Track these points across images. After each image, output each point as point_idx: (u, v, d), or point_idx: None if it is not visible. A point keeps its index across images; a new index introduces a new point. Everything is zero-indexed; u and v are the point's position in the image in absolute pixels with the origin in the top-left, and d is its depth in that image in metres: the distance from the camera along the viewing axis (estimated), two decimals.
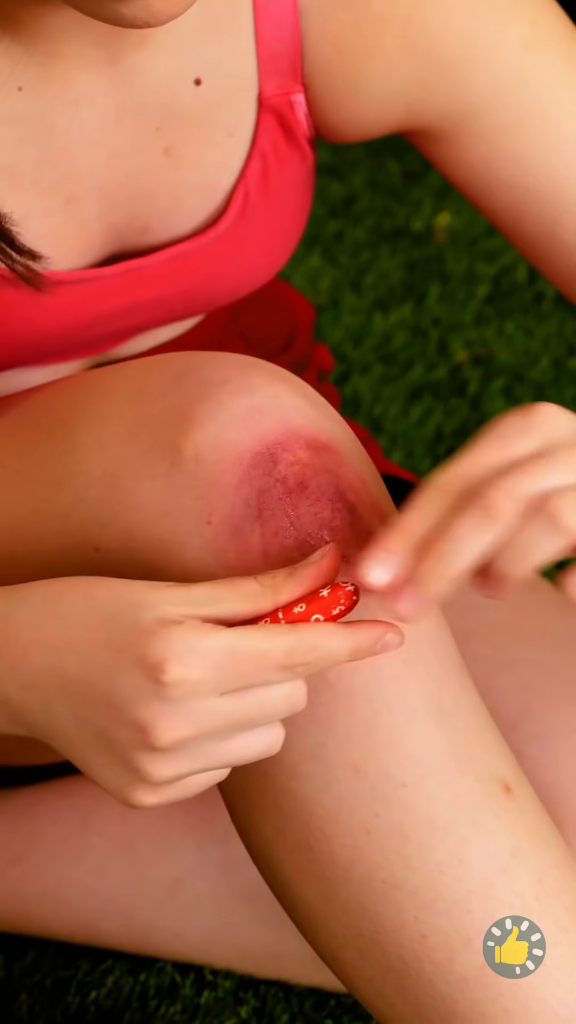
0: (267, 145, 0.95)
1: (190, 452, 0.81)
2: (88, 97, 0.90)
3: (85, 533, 0.85)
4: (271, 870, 0.85)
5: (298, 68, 0.93)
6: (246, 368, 0.83)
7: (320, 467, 0.81)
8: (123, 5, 0.77)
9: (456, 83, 0.93)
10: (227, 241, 0.96)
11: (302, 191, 0.99)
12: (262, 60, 0.92)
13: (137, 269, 0.95)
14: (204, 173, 0.94)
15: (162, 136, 0.93)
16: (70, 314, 0.94)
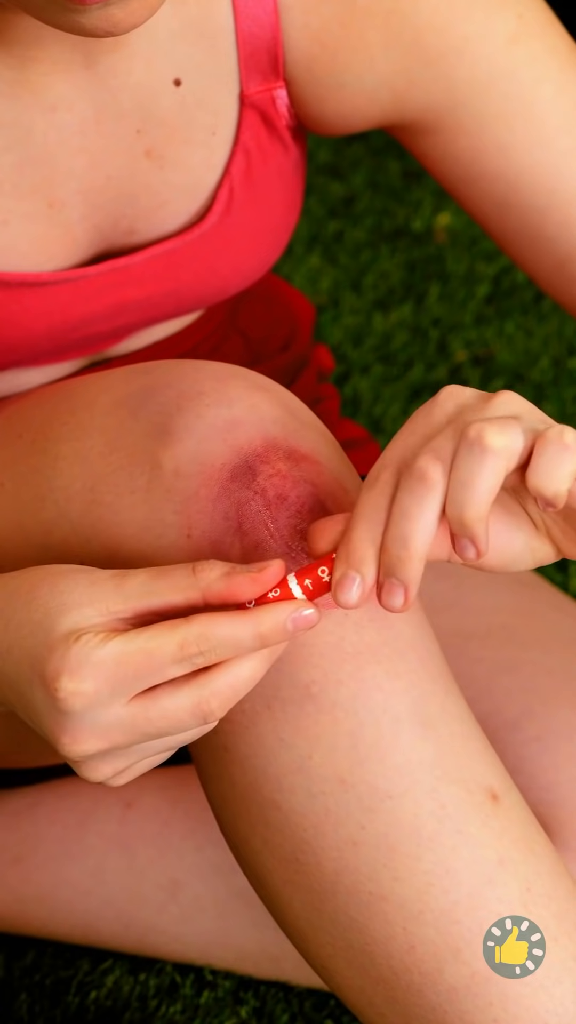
0: (250, 141, 0.94)
1: (169, 466, 0.81)
2: (66, 101, 0.90)
3: (68, 548, 0.85)
4: (260, 881, 0.85)
5: (279, 64, 0.92)
6: (225, 379, 0.83)
7: (299, 478, 0.81)
8: (82, 15, 0.77)
9: (441, 76, 0.92)
10: (214, 238, 0.96)
11: (289, 185, 0.98)
12: (243, 58, 0.92)
13: (123, 268, 0.94)
14: (188, 173, 0.94)
15: (143, 138, 0.92)
16: (57, 315, 0.94)
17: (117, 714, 0.74)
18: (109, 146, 0.92)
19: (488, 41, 0.92)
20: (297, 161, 0.98)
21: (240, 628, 0.75)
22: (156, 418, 0.82)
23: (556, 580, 1.43)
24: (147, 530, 0.81)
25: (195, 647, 0.74)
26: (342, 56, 0.92)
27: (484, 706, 1.03)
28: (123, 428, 0.83)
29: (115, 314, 0.96)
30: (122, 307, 0.96)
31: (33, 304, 0.92)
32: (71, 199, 0.92)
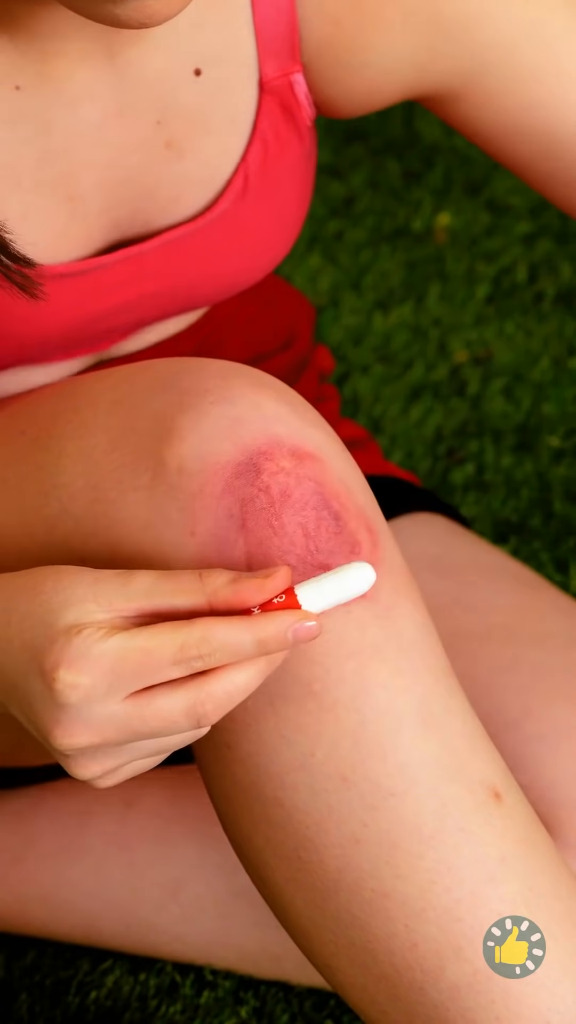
0: (268, 130, 0.94)
1: (173, 463, 0.81)
2: (87, 94, 0.90)
3: (71, 545, 0.85)
4: (262, 879, 0.85)
5: (296, 48, 0.92)
6: (229, 376, 0.83)
7: (304, 476, 0.81)
8: (118, 6, 0.77)
9: (464, 43, 0.91)
10: (226, 226, 0.96)
11: (301, 178, 0.98)
12: (261, 43, 0.91)
13: (137, 256, 0.94)
14: (206, 162, 0.94)
15: (163, 129, 0.92)
16: (72, 311, 0.94)
17: (112, 710, 0.74)
18: (129, 138, 0.92)
19: (506, 2, 0.91)
20: (309, 153, 0.98)
21: (241, 634, 0.75)
22: (160, 416, 0.82)
23: (556, 581, 1.43)
24: (151, 527, 0.81)
25: (195, 650, 0.74)
26: (361, 36, 0.91)
27: (484, 705, 1.03)
28: (127, 426, 0.83)
29: (128, 309, 0.96)
30: (135, 302, 0.96)
31: (51, 299, 0.92)
32: (91, 193, 0.92)
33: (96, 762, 0.76)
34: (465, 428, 1.59)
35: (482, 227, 1.78)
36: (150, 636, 0.74)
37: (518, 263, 1.74)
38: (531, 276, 1.72)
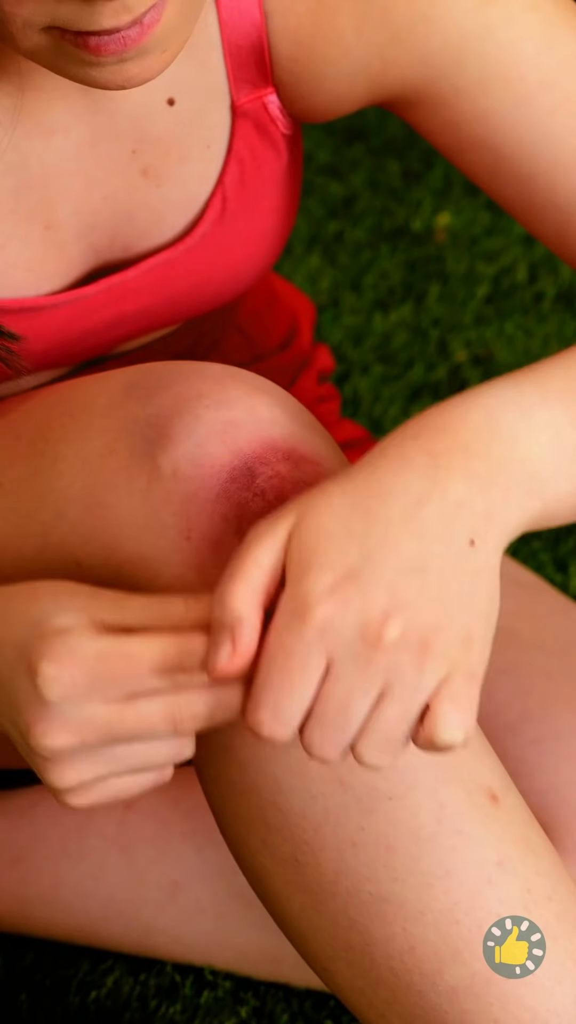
0: (244, 149, 0.94)
1: (168, 468, 0.81)
2: (62, 126, 0.90)
3: (67, 549, 0.85)
4: (259, 882, 0.86)
5: (268, 70, 0.92)
6: (224, 380, 0.83)
7: (299, 479, 0.81)
8: (96, 70, 0.77)
9: (413, 49, 0.90)
10: (208, 246, 0.96)
11: (284, 191, 0.98)
12: (231, 70, 0.91)
13: (119, 284, 0.95)
14: (183, 188, 0.94)
15: (138, 158, 0.93)
16: (56, 335, 0.94)
17: (91, 711, 0.74)
18: (105, 167, 0.92)
19: (457, 5, 0.89)
20: (290, 166, 0.98)
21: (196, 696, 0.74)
22: (155, 420, 0.82)
23: (556, 581, 1.43)
24: (146, 531, 0.81)
25: (176, 662, 0.74)
26: (318, 49, 0.91)
27: (483, 708, 1.02)
28: (122, 430, 0.83)
29: (112, 327, 0.97)
30: (119, 320, 0.96)
31: (32, 328, 0.92)
32: (67, 221, 0.93)
33: (73, 769, 0.75)
34: None
35: (482, 227, 1.78)
36: (136, 642, 0.74)
37: (518, 263, 1.74)
38: (531, 276, 1.72)
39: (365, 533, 0.73)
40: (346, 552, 0.73)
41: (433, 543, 0.74)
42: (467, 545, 0.74)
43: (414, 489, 0.75)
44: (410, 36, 0.90)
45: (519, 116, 0.91)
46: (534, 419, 0.78)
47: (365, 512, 0.74)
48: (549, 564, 1.44)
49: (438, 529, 0.74)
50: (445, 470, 0.75)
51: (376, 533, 0.73)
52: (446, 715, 0.73)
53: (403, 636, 0.72)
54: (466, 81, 0.90)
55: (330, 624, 0.72)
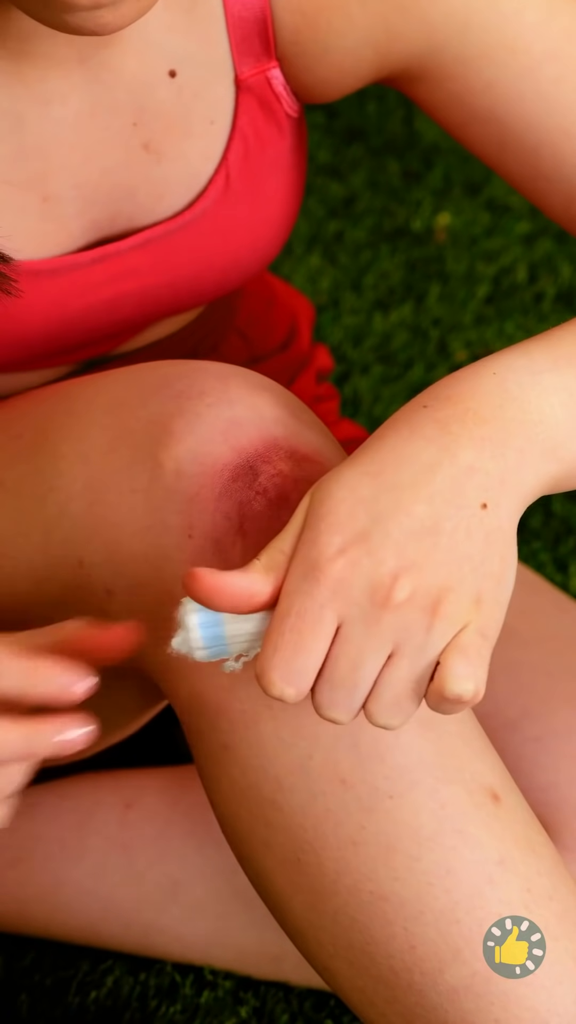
0: (247, 126, 0.94)
1: (170, 466, 0.81)
2: (60, 95, 0.90)
3: (68, 547, 0.85)
4: (260, 881, 0.85)
5: (271, 43, 0.92)
6: (226, 379, 0.83)
7: (301, 478, 0.81)
8: (69, 15, 0.77)
9: (418, 20, 0.90)
10: (209, 225, 0.95)
11: (288, 173, 0.97)
12: (235, 43, 0.91)
13: (115, 255, 0.94)
14: (187, 165, 0.94)
15: (140, 131, 0.92)
16: (54, 309, 0.94)
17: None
18: (104, 140, 0.92)
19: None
20: (294, 148, 0.97)
21: (10, 729, 0.75)
22: (157, 418, 0.82)
23: (556, 581, 1.43)
24: (148, 530, 0.81)
25: None
26: (322, 20, 0.91)
27: (483, 706, 1.03)
28: (124, 428, 0.83)
29: (111, 308, 0.96)
30: (119, 300, 0.96)
31: (28, 295, 0.92)
32: (66, 194, 0.92)
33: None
34: None
35: (482, 227, 1.78)
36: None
37: (518, 263, 1.74)
38: (531, 276, 1.72)
39: (375, 498, 0.74)
40: (356, 516, 0.74)
41: (444, 507, 0.74)
42: (479, 508, 0.75)
43: (425, 456, 0.75)
44: (414, 6, 0.90)
45: (525, 87, 0.91)
46: (545, 382, 0.78)
47: (375, 478, 0.75)
48: (549, 564, 1.44)
49: (449, 493, 0.74)
50: (455, 436, 0.75)
51: (386, 498, 0.74)
52: (455, 667, 0.73)
53: (412, 596, 0.73)
54: (471, 52, 0.91)
55: (341, 585, 0.73)
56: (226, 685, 0.82)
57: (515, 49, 0.90)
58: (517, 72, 0.91)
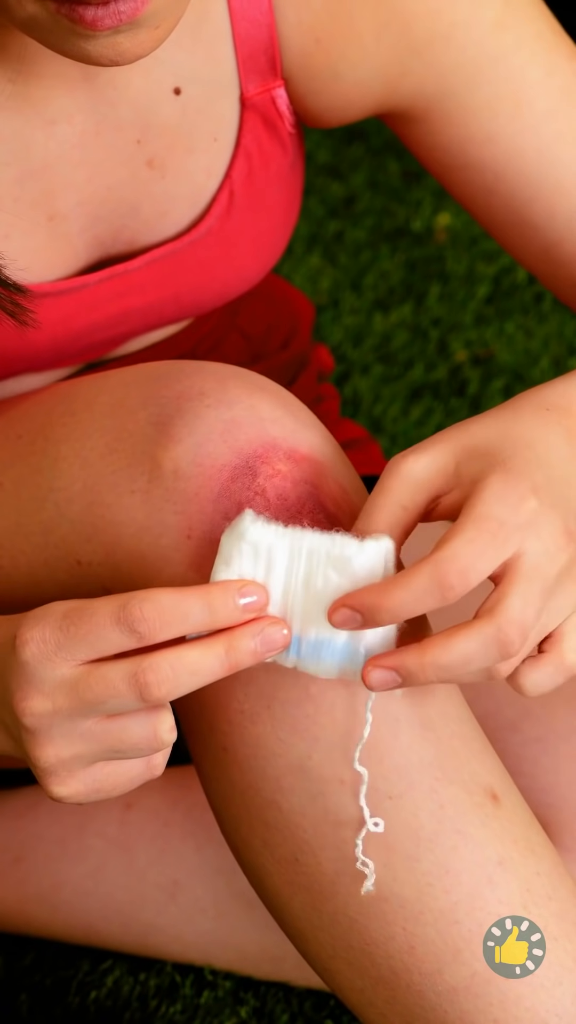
0: (251, 144, 0.94)
1: (169, 467, 0.81)
2: (65, 114, 0.90)
3: (67, 547, 0.85)
4: (260, 881, 0.85)
5: (277, 62, 0.92)
6: (225, 379, 0.83)
7: (300, 479, 0.81)
8: (89, 42, 0.76)
9: (429, 63, 0.92)
10: (213, 241, 0.96)
11: (289, 187, 0.98)
12: (241, 61, 0.92)
13: (123, 274, 0.94)
14: (190, 181, 0.94)
15: (144, 148, 0.92)
16: (59, 326, 0.94)
17: (61, 673, 0.75)
18: (109, 157, 0.92)
19: (475, 27, 0.91)
20: (295, 163, 0.98)
21: (187, 597, 0.74)
22: (156, 419, 0.82)
23: None
24: (147, 530, 0.81)
25: (137, 609, 0.74)
26: (336, 48, 0.91)
27: (483, 707, 1.03)
28: (123, 429, 0.83)
29: (116, 323, 0.96)
30: (124, 315, 0.96)
31: (39, 317, 0.92)
32: (72, 212, 0.92)
33: (51, 743, 0.75)
34: None
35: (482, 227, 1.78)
36: (98, 600, 0.75)
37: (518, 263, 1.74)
38: (531, 276, 1.72)
39: (554, 462, 0.78)
40: (537, 469, 0.77)
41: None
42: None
43: (563, 449, 0.79)
44: (428, 50, 0.91)
45: (526, 143, 0.94)
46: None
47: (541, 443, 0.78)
48: None
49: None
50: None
51: (562, 468, 0.78)
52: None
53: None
54: (477, 102, 0.93)
55: (536, 517, 0.75)
56: (225, 686, 0.82)
57: (519, 104, 0.93)
58: (519, 127, 0.93)
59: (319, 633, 0.77)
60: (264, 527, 0.76)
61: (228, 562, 0.76)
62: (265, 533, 0.76)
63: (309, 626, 0.77)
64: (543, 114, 0.93)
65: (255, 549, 0.76)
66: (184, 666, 0.74)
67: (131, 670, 0.74)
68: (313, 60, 0.92)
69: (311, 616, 0.77)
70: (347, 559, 0.76)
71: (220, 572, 0.76)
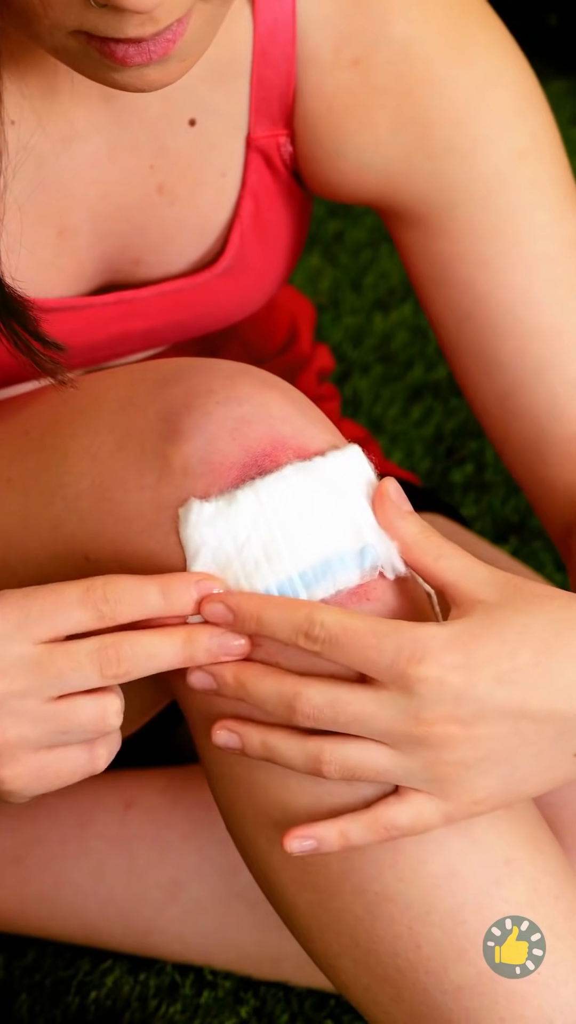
0: (257, 184, 0.94)
1: (178, 463, 0.81)
2: (82, 132, 0.90)
3: (76, 543, 0.85)
4: (266, 879, 0.85)
5: (289, 113, 0.92)
6: (234, 377, 0.83)
7: None
8: (118, 73, 0.77)
9: (441, 172, 0.91)
10: (223, 279, 0.96)
11: (295, 224, 0.98)
12: (255, 103, 0.91)
13: (130, 300, 0.95)
14: (197, 212, 0.94)
15: (155, 174, 0.93)
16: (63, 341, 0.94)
17: (19, 651, 0.76)
18: (122, 178, 0.92)
19: (496, 150, 0.91)
20: (303, 204, 0.98)
21: (145, 583, 0.77)
22: (165, 416, 0.82)
23: (556, 580, 1.43)
24: (156, 527, 0.81)
25: (100, 591, 0.76)
26: (347, 126, 0.91)
27: None
28: (132, 425, 0.83)
29: (118, 342, 0.97)
30: (126, 336, 0.97)
31: None
32: (81, 227, 0.93)
33: (11, 722, 0.77)
34: (465, 428, 1.59)
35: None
36: (62, 583, 0.77)
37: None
38: None
39: (525, 657, 0.77)
40: (502, 648, 0.77)
41: (551, 717, 0.78)
42: (571, 755, 0.79)
43: None
44: (443, 159, 0.91)
45: (515, 279, 0.92)
46: None
47: (545, 643, 0.78)
48: (549, 564, 1.44)
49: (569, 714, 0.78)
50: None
51: (533, 671, 0.77)
52: (403, 810, 0.79)
53: (449, 740, 0.77)
54: (478, 224, 0.92)
55: (424, 685, 0.76)
56: None
57: (519, 241, 0.92)
58: (512, 262, 0.92)
59: (325, 552, 0.79)
60: (209, 507, 0.79)
61: (197, 553, 0.79)
62: (214, 513, 0.79)
63: (307, 555, 0.78)
64: (539, 257, 0.92)
65: (216, 530, 0.79)
66: (144, 647, 0.77)
67: (96, 647, 0.76)
68: (322, 126, 0.92)
69: (307, 544, 0.78)
70: (319, 470, 0.79)
71: (194, 569, 0.79)
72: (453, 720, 0.76)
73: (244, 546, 0.79)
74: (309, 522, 0.79)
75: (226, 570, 0.79)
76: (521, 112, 0.91)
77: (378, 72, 0.89)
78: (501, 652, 0.76)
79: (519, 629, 0.77)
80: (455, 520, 1.19)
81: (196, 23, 0.76)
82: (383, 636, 0.76)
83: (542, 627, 0.77)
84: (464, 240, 0.92)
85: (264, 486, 0.79)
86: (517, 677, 0.76)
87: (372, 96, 0.90)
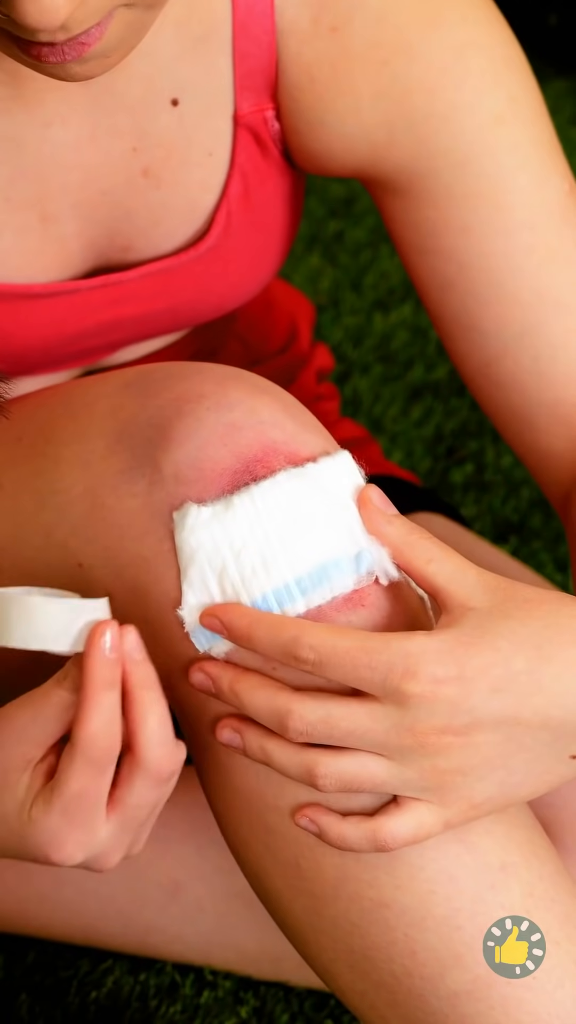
0: (246, 162, 0.94)
1: (169, 470, 0.81)
2: (60, 117, 0.90)
3: (68, 549, 0.84)
4: (261, 884, 0.85)
5: (273, 86, 0.92)
6: (225, 382, 0.82)
7: None
8: (41, 67, 0.77)
9: (421, 139, 0.91)
10: (211, 259, 0.96)
11: (288, 205, 0.98)
12: (238, 77, 0.91)
13: (116, 283, 0.94)
14: (185, 193, 0.94)
15: (139, 157, 0.92)
16: (51, 328, 0.94)
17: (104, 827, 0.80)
18: (104, 163, 0.92)
19: (475, 115, 0.90)
20: (295, 182, 0.98)
21: None
22: (156, 421, 0.82)
23: (556, 581, 1.43)
24: (148, 533, 0.81)
25: None
26: (327, 93, 0.91)
27: None
28: (124, 431, 0.83)
29: (109, 330, 0.96)
30: (117, 323, 0.96)
31: (27, 316, 0.92)
32: (65, 213, 0.92)
33: None
34: (465, 428, 1.59)
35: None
36: None
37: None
38: None
39: (520, 667, 0.77)
40: (495, 663, 0.77)
41: (547, 724, 0.78)
42: (568, 757, 0.80)
43: None
44: (423, 126, 0.90)
45: (496, 246, 0.92)
46: None
47: (538, 651, 0.78)
48: (549, 564, 1.44)
49: (566, 718, 0.78)
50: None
51: (527, 678, 0.77)
52: (403, 822, 0.79)
53: (445, 748, 0.77)
54: (459, 190, 0.91)
55: (422, 699, 0.76)
56: None
57: (500, 207, 0.92)
58: (494, 229, 0.92)
59: (321, 558, 0.79)
60: (206, 511, 0.79)
61: (192, 558, 0.79)
62: (210, 518, 0.79)
63: (304, 561, 0.78)
64: (520, 223, 0.92)
65: (212, 534, 0.79)
66: None
67: None
68: (303, 97, 0.91)
69: (303, 550, 0.78)
70: (312, 476, 0.79)
71: (189, 573, 0.79)
72: (448, 731, 0.76)
73: (241, 552, 0.79)
74: (305, 528, 0.79)
75: (222, 575, 0.79)
76: (498, 76, 0.91)
77: (355, 39, 0.89)
78: (494, 661, 0.76)
79: (511, 636, 0.77)
80: (455, 520, 1.19)
81: (117, 27, 0.76)
82: (374, 653, 0.76)
83: (534, 633, 0.77)
84: (447, 207, 0.92)
85: (260, 492, 0.79)
86: (511, 685, 0.76)
87: (351, 64, 0.90)
